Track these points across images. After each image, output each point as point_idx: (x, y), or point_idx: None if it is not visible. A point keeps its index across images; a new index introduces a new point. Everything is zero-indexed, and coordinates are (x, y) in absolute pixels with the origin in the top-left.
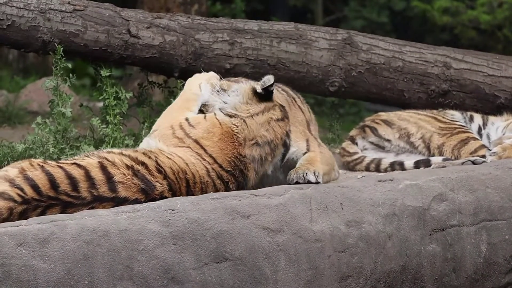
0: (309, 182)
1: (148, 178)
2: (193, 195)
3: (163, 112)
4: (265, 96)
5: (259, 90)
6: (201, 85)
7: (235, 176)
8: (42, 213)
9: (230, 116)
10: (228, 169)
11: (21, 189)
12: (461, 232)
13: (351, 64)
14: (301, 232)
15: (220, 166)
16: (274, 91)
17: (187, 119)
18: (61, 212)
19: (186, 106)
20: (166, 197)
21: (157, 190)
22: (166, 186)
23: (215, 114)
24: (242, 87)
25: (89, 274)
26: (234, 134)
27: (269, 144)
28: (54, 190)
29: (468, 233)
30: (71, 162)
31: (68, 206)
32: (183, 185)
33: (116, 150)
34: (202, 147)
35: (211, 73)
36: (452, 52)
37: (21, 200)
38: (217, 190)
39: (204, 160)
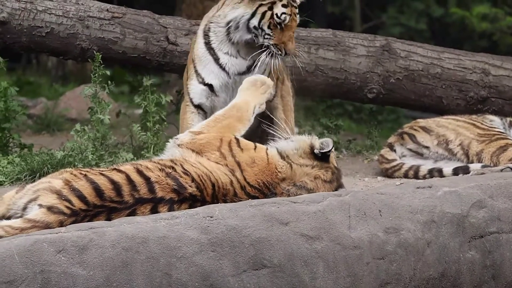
0: None
1: (179, 179)
2: (217, 198)
3: (213, 118)
4: (321, 157)
5: (316, 151)
6: (255, 110)
7: (261, 191)
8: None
9: (282, 157)
10: (254, 185)
11: (69, 201)
12: (500, 239)
13: (389, 71)
14: (339, 239)
15: (247, 183)
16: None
17: (237, 139)
18: (107, 219)
19: (236, 126)
20: (195, 196)
21: (188, 190)
22: (194, 187)
23: (267, 149)
24: (302, 141)
25: (128, 281)
26: (276, 172)
27: (308, 191)
28: (100, 198)
29: (508, 240)
30: (110, 168)
31: (112, 211)
32: (209, 186)
33: (143, 160)
34: (240, 168)
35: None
36: (491, 58)
37: (70, 212)
38: (236, 195)
39: (233, 176)
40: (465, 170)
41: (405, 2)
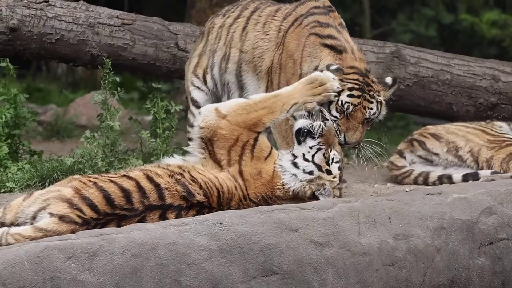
0: None
1: (188, 186)
2: (221, 204)
3: (245, 104)
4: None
5: (317, 194)
6: (293, 107)
7: (258, 205)
8: None
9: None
10: (253, 199)
11: (80, 210)
12: (510, 246)
13: (399, 77)
14: (349, 245)
15: (247, 194)
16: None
17: (254, 143)
18: (117, 226)
19: (264, 121)
20: (202, 203)
21: (196, 197)
22: (202, 195)
23: (275, 162)
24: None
25: None
26: (277, 187)
27: None
28: (110, 206)
29: None
30: (120, 175)
31: (122, 219)
32: (214, 194)
33: (152, 165)
34: (242, 177)
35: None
36: (501, 65)
37: (81, 221)
38: (238, 203)
39: (236, 182)
40: (475, 177)
41: (415, 8)
